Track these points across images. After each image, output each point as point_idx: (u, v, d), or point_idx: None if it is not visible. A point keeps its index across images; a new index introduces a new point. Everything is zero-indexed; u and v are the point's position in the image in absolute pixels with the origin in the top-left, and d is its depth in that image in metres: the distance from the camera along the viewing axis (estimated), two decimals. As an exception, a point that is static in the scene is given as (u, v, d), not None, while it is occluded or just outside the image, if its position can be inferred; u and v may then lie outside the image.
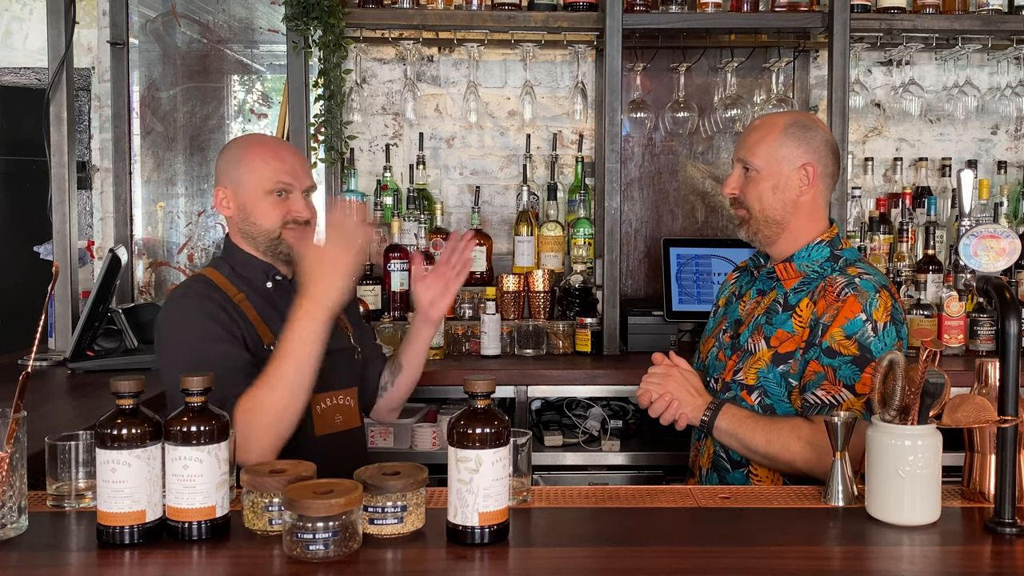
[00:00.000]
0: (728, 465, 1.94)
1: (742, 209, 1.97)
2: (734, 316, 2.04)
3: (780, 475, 1.88)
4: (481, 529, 1.33)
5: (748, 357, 1.92)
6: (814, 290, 1.90)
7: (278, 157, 1.95)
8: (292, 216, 1.94)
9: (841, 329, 1.81)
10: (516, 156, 3.41)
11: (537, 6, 3.03)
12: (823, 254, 1.94)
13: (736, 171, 1.98)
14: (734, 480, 1.93)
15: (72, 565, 1.32)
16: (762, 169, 1.93)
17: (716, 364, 2.02)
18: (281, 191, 1.93)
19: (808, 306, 1.88)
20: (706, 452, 1.99)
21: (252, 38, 3.56)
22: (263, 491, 1.36)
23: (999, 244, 1.51)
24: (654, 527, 1.48)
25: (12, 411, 1.34)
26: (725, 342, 2.02)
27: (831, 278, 1.88)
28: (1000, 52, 3.26)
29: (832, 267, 1.92)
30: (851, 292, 1.83)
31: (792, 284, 1.94)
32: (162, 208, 3.57)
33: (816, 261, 1.93)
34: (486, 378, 1.37)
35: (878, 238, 3.10)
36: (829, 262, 1.93)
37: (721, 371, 1.98)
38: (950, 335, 2.83)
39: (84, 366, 2.70)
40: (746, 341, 1.95)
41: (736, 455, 1.92)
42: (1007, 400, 1.39)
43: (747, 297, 2.05)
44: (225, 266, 1.97)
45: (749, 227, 1.97)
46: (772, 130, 1.94)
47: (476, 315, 2.99)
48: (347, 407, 2.00)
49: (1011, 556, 1.35)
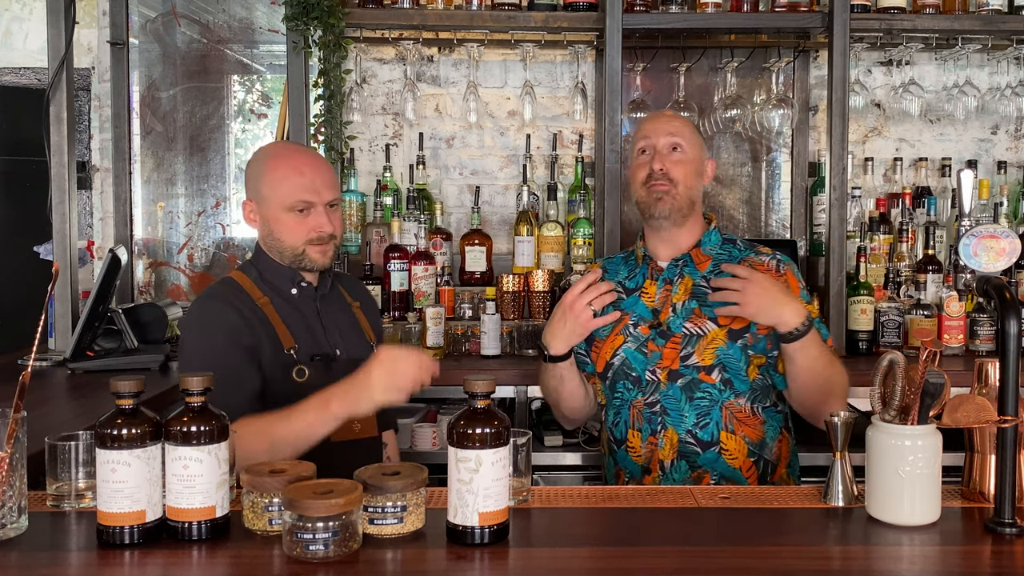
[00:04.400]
0: (698, 448, 1.96)
1: (667, 184, 2.02)
2: (639, 310, 2.05)
3: (749, 457, 1.97)
4: (481, 529, 1.33)
5: (697, 340, 1.98)
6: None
7: (298, 172, 1.92)
8: (315, 233, 1.93)
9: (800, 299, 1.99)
10: (516, 156, 3.41)
11: (537, 6, 3.03)
12: (718, 239, 2.10)
13: (662, 149, 2.04)
14: (706, 462, 1.96)
15: (72, 565, 1.32)
16: (689, 151, 2.05)
17: (642, 358, 2.01)
18: (302, 208, 1.91)
19: None
20: (668, 443, 1.97)
21: (252, 38, 3.56)
22: (263, 491, 1.36)
23: (999, 244, 1.51)
24: (654, 527, 1.49)
25: (12, 411, 1.34)
26: (643, 334, 2.01)
27: (752, 258, 2.06)
28: (1000, 52, 3.26)
29: (734, 248, 2.09)
30: (787, 267, 2.07)
31: (705, 267, 2.05)
32: (162, 208, 3.57)
33: (716, 245, 2.09)
34: (486, 378, 1.37)
35: (878, 238, 3.10)
36: (727, 244, 2.10)
37: (658, 360, 1.99)
38: (950, 335, 2.83)
39: (84, 366, 2.70)
40: (681, 327, 1.99)
41: (706, 435, 1.96)
42: (1007, 400, 1.39)
43: (646, 289, 2.07)
44: (253, 270, 1.99)
45: (673, 202, 2.02)
46: (689, 121, 2.13)
47: (476, 315, 2.99)
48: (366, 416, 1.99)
49: (1011, 556, 1.35)
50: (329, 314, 2.03)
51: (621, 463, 2.05)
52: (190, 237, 3.58)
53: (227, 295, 1.94)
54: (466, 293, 3.05)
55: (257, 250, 2.01)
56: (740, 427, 1.97)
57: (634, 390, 2.02)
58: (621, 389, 2.04)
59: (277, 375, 1.90)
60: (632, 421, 2.02)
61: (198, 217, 3.57)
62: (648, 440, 2.00)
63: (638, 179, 2.06)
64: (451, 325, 2.95)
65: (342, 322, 2.05)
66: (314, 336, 1.97)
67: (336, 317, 2.04)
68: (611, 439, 2.08)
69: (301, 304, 1.98)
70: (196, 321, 1.93)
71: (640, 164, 2.07)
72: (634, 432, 2.01)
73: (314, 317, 1.99)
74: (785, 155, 3.45)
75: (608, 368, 2.06)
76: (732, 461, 1.96)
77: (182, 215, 3.57)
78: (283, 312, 1.95)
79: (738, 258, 2.07)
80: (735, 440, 1.97)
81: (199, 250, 3.58)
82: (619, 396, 2.05)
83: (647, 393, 2.00)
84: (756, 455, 1.99)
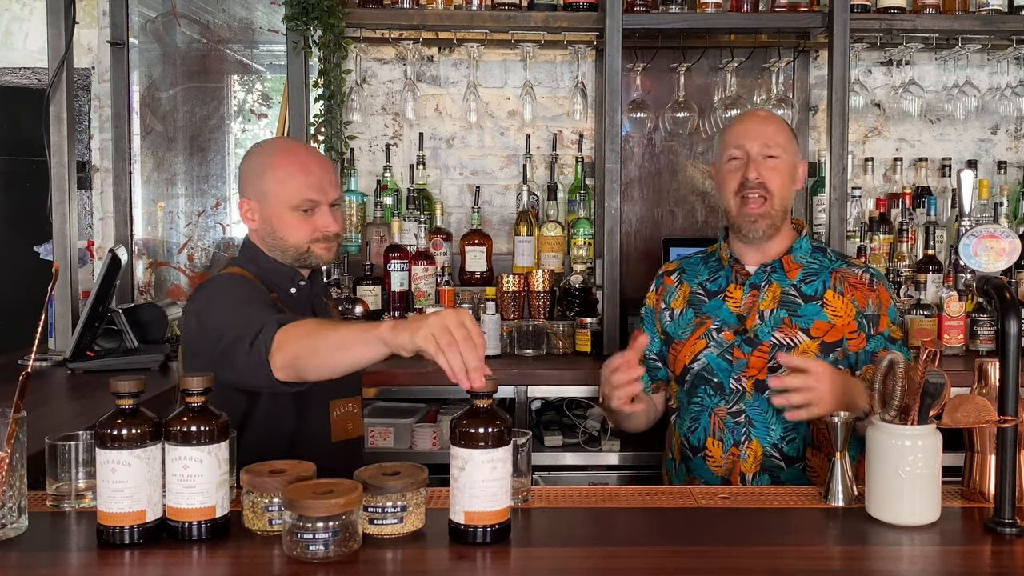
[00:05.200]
0: (783, 463, 1.91)
1: (763, 199, 1.94)
2: (722, 315, 1.99)
3: None
4: (483, 528, 1.33)
5: (788, 352, 1.89)
6: (829, 281, 1.98)
7: (304, 170, 1.87)
8: (320, 233, 1.90)
9: (889, 316, 1.99)
10: (516, 156, 3.41)
11: (537, 6, 3.03)
12: (808, 246, 2.05)
13: (756, 157, 1.95)
14: (789, 478, 1.91)
15: (72, 565, 1.32)
16: (784, 158, 1.97)
17: (726, 364, 1.95)
18: (308, 208, 1.88)
19: (836, 298, 1.96)
20: (751, 456, 1.92)
21: (252, 38, 3.56)
22: (263, 491, 1.36)
23: (999, 244, 1.51)
24: (654, 527, 1.49)
25: (12, 411, 1.34)
26: (727, 340, 1.96)
27: (845, 270, 2.00)
28: (1000, 52, 3.26)
29: (825, 258, 2.03)
30: (879, 282, 2.01)
31: (795, 275, 1.99)
32: (162, 208, 3.57)
33: (807, 253, 2.03)
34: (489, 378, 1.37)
35: (878, 238, 3.10)
36: (817, 253, 2.05)
37: (743, 368, 1.93)
38: (950, 335, 2.83)
39: (84, 366, 2.70)
40: (770, 336, 1.93)
41: (792, 451, 1.91)
42: (1007, 400, 1.39)
43: (730, 293, 2.01)
44: (252, 267, 1.93)
45: (769, 219, 1.96)
46: (784, 124, 2.05)
47: (476, 315, 2.99)
48: (355, 415, 2.00)
49: (1011, 556, 1.35)
50: (325, 312, 2.04)
51: (696, 471, 1.97)
52: (190, 237, 3.58)
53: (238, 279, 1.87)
54: (466, 293, 3.04)
55: (252, 249, 1.95)
56: (826, 445, 1.87)
57: (716, 397, 1.95)
58: (702, 395, 1.97)
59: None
60: (713, 429, 1.95)
61: (198, 217, 3.57)
62: (730, 451, 1.93)
63: (729, 188, 1.97)
64: (451, 325, 2.95)
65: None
66: None
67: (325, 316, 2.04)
68: (685, 445, 2.00)
69: (299, 304, 1.97)
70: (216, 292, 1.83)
71: (731, 170, 1.98)
72: (715, 441, 1.94)
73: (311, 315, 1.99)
74: (785, 155, 3.45)
75: (687, 372, 1.99)
76: (815, 479, 1.90)
77: (182, 215, 3.57)
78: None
79: (829, 268, 2.00)
80: (819, 458, 1.91)
81: (199, 250, 3.58)
82: (698, 402, 1.98)
83: (731, 402, 1.94)
84: None
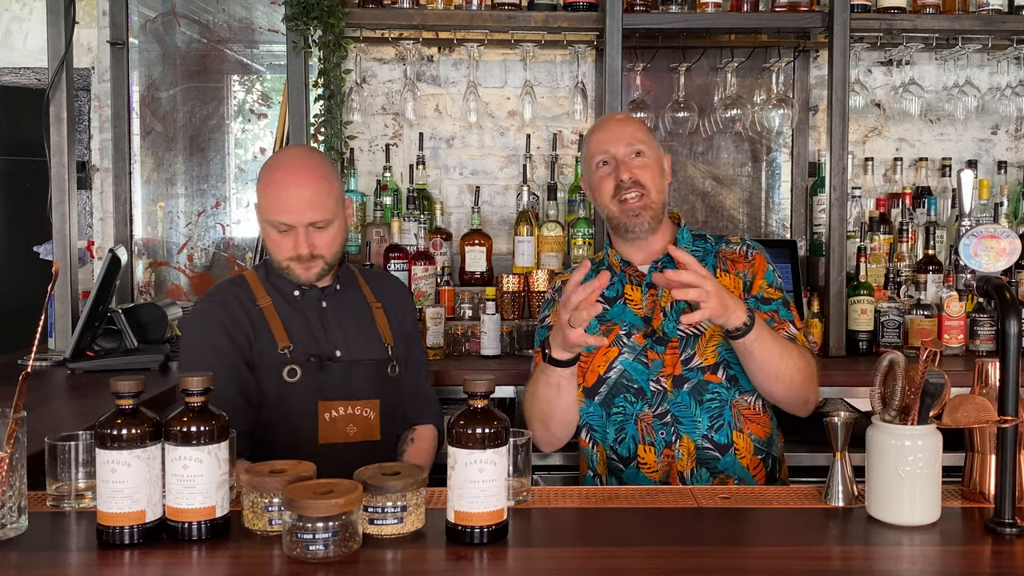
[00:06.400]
0: (716, 452, 1.92)
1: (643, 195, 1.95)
2: (628, 318, 1.98)
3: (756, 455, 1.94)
4: (480, 529, 1.33)
5: (695, 340, 1.93)
6: (714, 263, 2.03)
7: (283, 191, 1.90)
8: (296, 252, 1.92)
9: (764, 280, 2.01)
10: (516, 156, 3.41)
11: (537, 6, 3.03)
12: (688, 236, 2.09)
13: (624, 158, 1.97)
14: (726, 466, 1.92)
15: (72, 565, 1.32)
16: (651, 155, 2.01)
17: (643, 368, 1.94)
18: (283, 229, 1.93)
19: (723, 276, 2.01)
20: (685, 453, 1.91)
21: (252, 38, 3.56)
22: (263, 491, 1.36)
23: (999, 244, 1.51)
24: (654, 527, 1.49)
25: (12, 411, 1.34)
26: (639, 344, 1.95)
27: (724, 249, 2.06)
28: (1000, 52, 3.26)
29: (706, 243, 2.08)
30: (755, 251, 2.06)
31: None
32: (162, 208, 3.57)
33: (689, 243, 2.08)
34: (485, 378, 1.37)
35: (878, 238, 3.10)
36: (698, 240, 2.09)
37: (660, 369, 1.92)
38: (950, 335, 2.83)
39: (84, 366, 2.70)
40: (675, 331, 1.94)
41: (721, 438, 1.91)
42: (1007, 400, 1.39)
43: (629, 295, 2.01)
44: (263, 270, 2.05)
45: (651, 212, 1.97)
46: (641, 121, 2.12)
47: (476, 315, 2.99)
48: (365, 419, 1.98)
49: (1011, 556, 1.35)
50: (336, 315, 2.02)
51: (630, 482, 1.94)
52: (190, 237, 3.58)
53: (224, 295, 2.00)
54: (466, 293, 3.04)
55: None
56: (747, 425, 1.93)
57: (638, 403, 1.93)
58: (622, 403, 1.94)
59: (268, 373, 1.93)
60: (642, 436, 1.93)
61: (198, 217, 3.57)
62: (664, 453, 1.92)
63: (605, 193, 1.98)
64: (451, 325, 2.95)
65: (349, 324, 2.03)
66: (314, 337, 1.98)
67: (343, 318, 2.03)
68: (614, 458, 1.96)
69: (304, 306, 2.00)
70: (187, 322, 2.06)
71: (603, 176, 1.99)
72: (646, 447, 1.93)
73: (316, 319, 2.00)
74: (785, 155, 3.45)
75: (602, 383, 1.96)
76: (742, 460, 1.92)
77: (182, 215, 3.57)
78: (283, 313, 1.98)
79: (713, 252, 2.05)
80: (743, 439, 1.93)
81: (199, 250, 3.58)
82: (619, 411, 1.95)
83: (655, 404, 1.92)
84: (764, 452, 1.95)
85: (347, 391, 1.96)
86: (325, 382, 1.94)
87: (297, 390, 1.92)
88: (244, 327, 1.94)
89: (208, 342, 1.93)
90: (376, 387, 2.01)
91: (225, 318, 1.94)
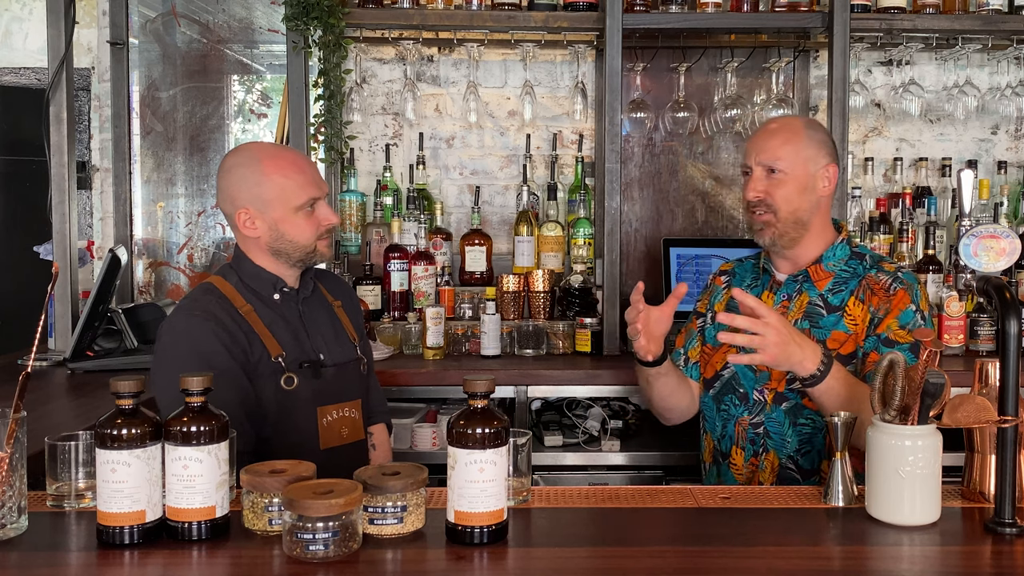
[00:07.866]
0: (799, 476, 1.91)
1: (767, 213, 1.95)
2: None
3: None
4: (480, 529, 1.33)
5: None
6: (855, 289, 1.95)
7: (299, 170, 1.92)
8: (324, 227, 1.94)
9: (896, 320, 1.90)
10: (516, 156, 3.41)
11: (537, 6, 3.03)
12: (845, 252, 2.00)
13: (757, 174, 1.96)
14: None
15: (72, 565, 1.32)
16: (789, 171, 1.94)
17: (751, 375, 1.96)
18: (311, 204, 1.91)
19: (857, 305, 1.93)
20: (768, 467, 1.93)
21: (252, 38, 3.56)
22: (263, 491, 1.36)
23: (999, 244, 1.51)
24: (654, 527, 1.48)
25: (12, 411, 1.34)
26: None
27: (872, 276, 1.95)
28: (1000, 52, 3.26)
29: (860, 265, 1.98)
30: (900, 286, 1.93)
31: (825, 285, 1.97)
32: (162, 208, 3.57)
33: (841, 260, 1.99)
34: (485, 378, 1.37)
35: (878, 238, 3.10)
36: (853, 260, 1.99)
37: (766, 381, 1.94)
38: (950, 335, 2.83)
39: (84, 366, 2.70)
40: None
41: (807, 463, 1.91)
42: (1007, 400, 1.39)
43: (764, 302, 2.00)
44: (233, 275, 1.94)
45: (775, 230, 1.95)
46: (795, 132, 1.97)
47: (476, 315, 2.99)
48: (352, 419, 2.00)
49: (1011, 556, 1.35)
50: (311, 318, 2.00)
51: (724, 477, 2.00)
52: (190, 237, 3.58)
53: (210, 307, 1.86)
54: (466, 293, 3.05)
55: (238, 254, 1.96)
56: None
57: (740, 407, 1.97)
58: (728, 404, 2.00)
59: (267, 384, 1.87)
60: (737, 438, 1.97)
61: (198, 217, 3.57)
62: (750, 460, 1.96)
63: (743, 201, 2.00)
64: (451, 325, 2.95)
65: (324, 326, 2.02)
66: (299, 342, 1.94)
67: (318, 321, 2.01)
68: (718, 450, 2.03)
69: (284, 310, 1.95)
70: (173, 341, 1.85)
71: (744, 184, 2.00)
72: (738, 450, 1.98)
73: (298, 322, 1.96)
74: (785, 155, 3.45)
75: (717, 378, 2.02)
76: None
77: (182, 215, 3.57)
78: (267, 319, 1.90)
79: (861, 275, 1.97)
80: None
81: (199, 250, 3.58)
82: (725, 410, 2.00)
83: (754, 412, 1.96)
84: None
85: (338, 394, 1.96)
86: (319, 387, 1.93)
87: (296, 398, 1.89)
88: (240, 339, 1.85)
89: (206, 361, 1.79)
90: (357, 387, 2.04)
91: (220, 331, 1.83)
